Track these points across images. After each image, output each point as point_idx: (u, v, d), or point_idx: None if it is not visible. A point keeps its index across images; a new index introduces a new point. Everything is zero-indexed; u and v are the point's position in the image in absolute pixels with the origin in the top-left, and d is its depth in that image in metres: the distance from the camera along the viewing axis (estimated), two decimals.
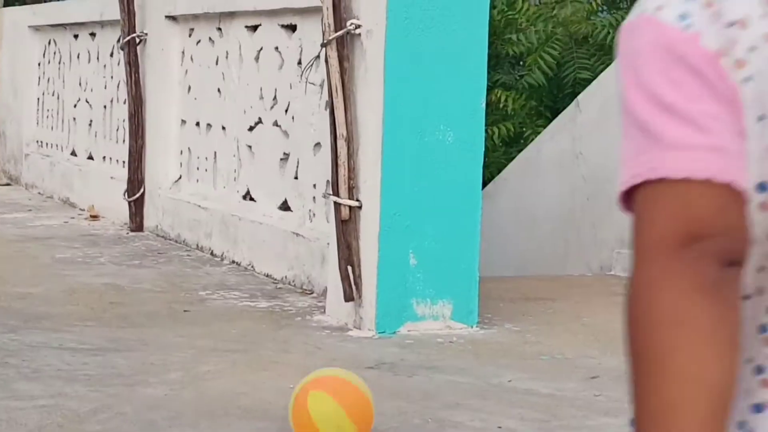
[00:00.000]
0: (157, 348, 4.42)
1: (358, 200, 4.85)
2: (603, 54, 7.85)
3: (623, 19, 7.87)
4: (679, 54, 1.00)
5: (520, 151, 7.37)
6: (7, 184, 10.26)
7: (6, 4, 11.34)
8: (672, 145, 0.98)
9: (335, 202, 4.91)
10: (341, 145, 4.86)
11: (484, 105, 4.91)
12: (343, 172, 4.87)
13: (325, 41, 4.89)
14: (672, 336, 0.97)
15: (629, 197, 1.01)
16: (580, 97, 6.81)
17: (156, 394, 3.80)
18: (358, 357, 4.40)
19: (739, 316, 1.00)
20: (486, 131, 5.63)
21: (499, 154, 7.79)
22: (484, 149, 4.95)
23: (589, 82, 7.27)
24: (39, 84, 10.02)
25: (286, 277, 5.89)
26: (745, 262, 1.01)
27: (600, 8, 8.24)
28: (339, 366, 4.24)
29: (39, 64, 10.02)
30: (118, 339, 4.56)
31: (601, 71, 7.26)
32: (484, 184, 5.44)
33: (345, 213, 4.87)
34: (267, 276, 6.03)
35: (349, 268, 4.87)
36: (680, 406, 0.97)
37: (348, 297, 4.87)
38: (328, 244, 5.29)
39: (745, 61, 1.01)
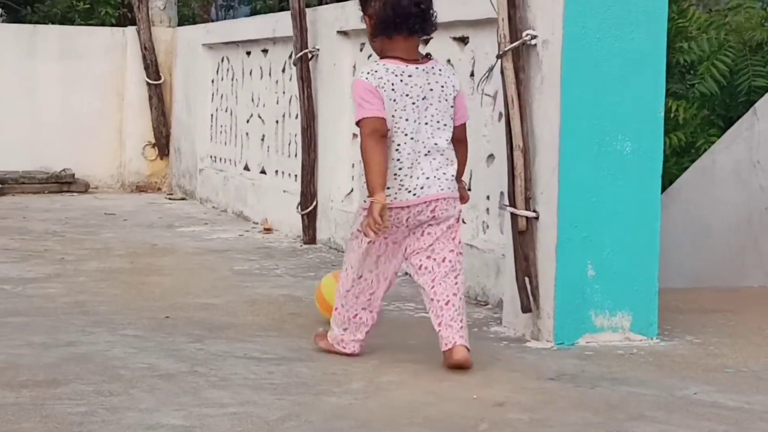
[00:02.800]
0: (338, 358, 4.49)
1: (535, 211, 4.84)
2: None
3: None
4: (368, 86, 4.24)
5: (692, 161, 7.25)
6: (183, 199, 10.55)
7: (180, 24, 11.68)
8: (366, 109, 4.22)
9: (512, 213, 4.91)
10: (518, 156, 4.86)
11: (662, 114, 4.85)
12: (519, 183, 4.86)
13: (500, 52, 4.90)
14: (373, 150, 4.20)
15: (358, 124, 4.27)
16: (757, 104, 6.66)
17: (341, 403, 3.86)
18: (539, 368, 4.39)
19: (386, 146, 4.23)
20: None
21: (670, 164, 7.68)
22: (663, 159, 4.89)
23: (765, 89, 7.11)
24: (212, 100, 10.28)
25: None
26: (385, 136, 4.22)
27: None
28: (518, 376, 4.25)
29: (212, 81, 10.28)
30: (300, 349, 4.64)
31: None
32: None
33: (522, 224, 4.86)
34: None
35: (527, 280, 4.86)
36: (375, 170, 4.19)
37: (525, 308, 4.86)
38: (503, 255, 5.30)
39: (383, 85, 4.25)
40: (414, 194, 4.28)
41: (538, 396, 4.00)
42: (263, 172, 9.05)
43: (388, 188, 4.25)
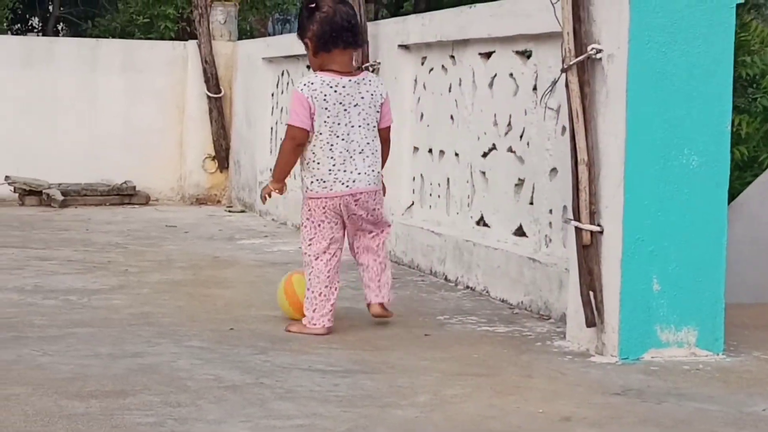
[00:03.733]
0: (403, 371, 4.50)
1: (599, 225, 4.82)
2: None
3: None
4: (300, 97, 5.05)
5: (755, 175, 7.20)
6: (242, 211, 10.61)
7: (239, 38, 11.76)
8: (293, 119, 5.06)
9: (576, 227, 4.90)
10: (582, 170, 4.84)
11: (729, 128, 4.81)
12: (584, 197, 4.85)
13: (565, 66, 4.89)
14: (288, 153, 5.15)
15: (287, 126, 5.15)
16: None
17: (407, 416, 3.86)
18: (603, 383, 4.37)
19: (300, 152, 5.13)
20: None
21: (733, 179, 7.62)
22: (729, 173, 4.85)
23: None
24: (272, 114, 10.34)
25: (522, 302, 5.89)
26: (303, 144, 5.11)
27: None
28: (583, 391, 4.23)
29: (272, 95, 10.34)
30: (364, 361, 4.65)
31: None
32: None
33: (586, 238, 4.84)
34: (503, 301, 6.06)
35: (591, 294, 4.84)
36: (282, 168, 5.22)
37: (590, 323, 4.84)
38: (566, 269, 5.28)
39: (316, 96, 5.04)
40: (347, 186, 5.11)
41: (604, 411, 3.99)
42: None
43: (325, 182, 5.12)
